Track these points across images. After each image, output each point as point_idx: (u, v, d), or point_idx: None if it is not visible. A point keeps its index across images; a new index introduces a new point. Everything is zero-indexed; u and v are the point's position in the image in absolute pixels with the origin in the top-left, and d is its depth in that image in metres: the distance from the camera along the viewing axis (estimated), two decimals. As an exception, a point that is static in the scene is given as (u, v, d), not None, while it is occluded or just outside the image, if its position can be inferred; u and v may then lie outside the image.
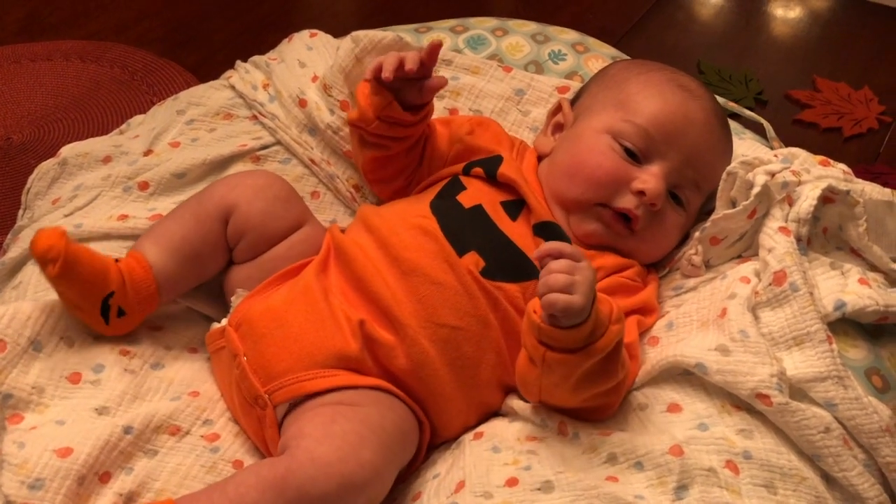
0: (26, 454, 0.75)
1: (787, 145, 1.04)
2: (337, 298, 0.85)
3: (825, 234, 0.92)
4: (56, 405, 0.83)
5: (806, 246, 0.88)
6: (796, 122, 1.36)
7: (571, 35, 1.20)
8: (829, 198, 0.90)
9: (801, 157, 0.97)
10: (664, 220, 0.92)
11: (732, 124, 1.12)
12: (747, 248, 0.91)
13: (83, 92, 1.37)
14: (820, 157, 0.98)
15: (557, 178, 0.94)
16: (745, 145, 1.05)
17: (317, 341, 0.83)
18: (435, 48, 0.88)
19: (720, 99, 1.16)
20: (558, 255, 0.75)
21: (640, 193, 0.90)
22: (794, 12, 1.61)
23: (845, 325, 0.86)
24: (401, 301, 0.85)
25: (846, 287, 0.86)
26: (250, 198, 0.91)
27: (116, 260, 0.87)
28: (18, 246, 0.97)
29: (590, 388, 0.78)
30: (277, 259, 0.91)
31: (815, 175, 0.92)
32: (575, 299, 0.72)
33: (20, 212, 1.06)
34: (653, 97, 0.93)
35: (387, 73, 0.87)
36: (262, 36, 1.23)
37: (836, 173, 0.94)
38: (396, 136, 0.93)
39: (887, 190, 0.94)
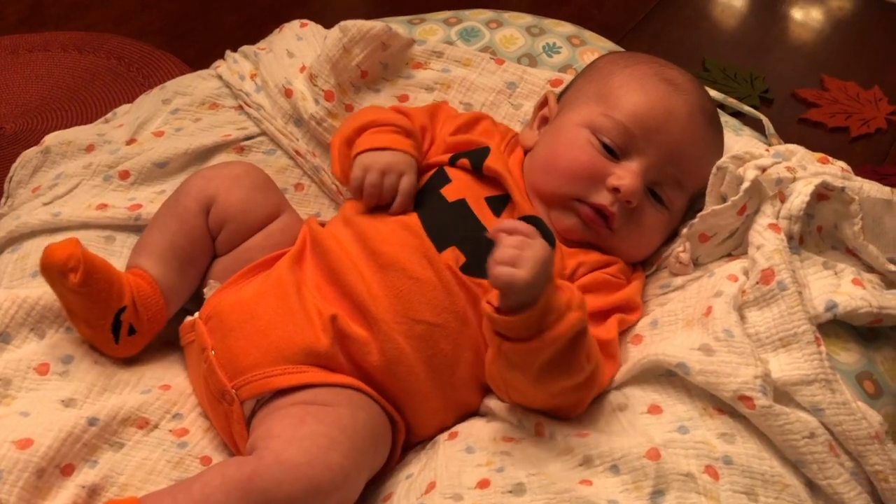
0: (-16, 444, 0.74)
1: (792, 144, 0.99)
2: (310, 292, 0.83)
3: (820, 232, 0.89)
4: (23, 397, 0.81)
5: (798, 244, 0.85)
6: (802, 121, 1.32)
7: (567, 28, 1.17)
8: (823, 195, 0.86)
9: (799, 154, 0.93)
10: (643, 219, 0.89)
11: (731, 121, 1.09)
12: (738, 245, 0.88)
13: (78, 83, 1.37)
14: (819, 155, 0.94)
15: (536, 172, 0.92)
16: (742, 142, 1.01)
17: (286, 336, 0.81)
18: None
19: (718, 95, 1.13)
20: (512, 232, 0.72)
21: (615, 190, 0.87)
22: (805, 10, 1.58)
23: (837, 326, 0.83)
24: (376, 295, 0.82)
25: (839, 287, 0.83)
26: (229, 187, 0.90)
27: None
28: (-4, 235, 0.96)
29: (553, 382, 0.75)
30: (254, 249, 0.90)
31: (811, 172, 0.89)
32: (518, 273, 0.69)
33: (2, 200, 1.05)
34: (634, 91, 0.90)
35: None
36: (261, 28, 1.21)
37: (834, 170, 0.91)
38: None
39: (887, 188, 0.90)
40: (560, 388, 0.76)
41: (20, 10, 1.54)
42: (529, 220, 0.88)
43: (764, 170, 0.85)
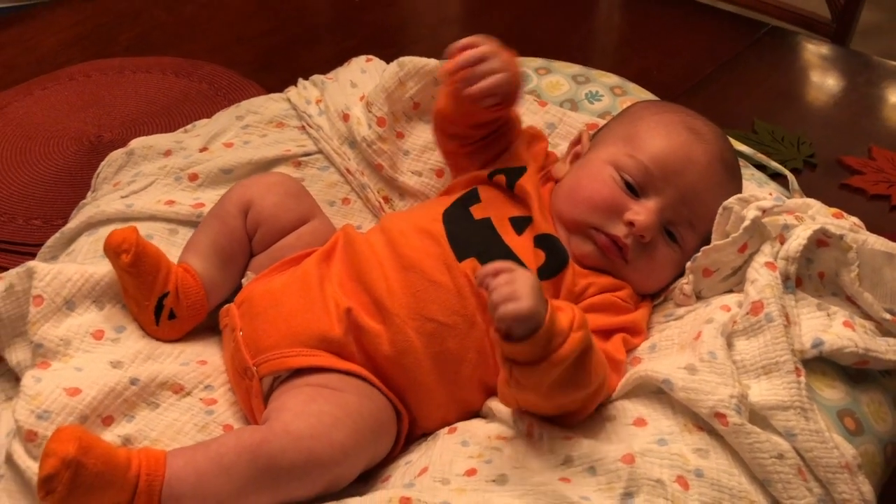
0: (40, 388, 0.84)
1: (811, 199, 1.03)
2: (331, 286, 0.92)
3: (822, 279, 0.93)
4: (79, 356, 0.91)
5: (795, 286, 0.90)
6: (843, 186, 1.35)
7: (613, 79, 1.25)
8: (823, 241, 0.91)
9: (815, 208, 0.98)
10: (655, 253, 0.96)
11: (757, 174, 1.14)
12: (740, 283, 0.93)
13: (171, 102, 1.51)
14: (833, 210, 0.99)
15: (561, 199, 0.99)
16: (763, 193, 1.07)
17: (304, 322, 0.90)
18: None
19: (748, 150, 1.19)
20: (495, 274, 0.76)
21: (630, 224, 0.94)
22: (860, 83, 1.62)
23: (825, 365, 0.87)
24: (394, 292, 0.91)
25: (829, 328, 0.87)
26: (264, 193, 1.00)
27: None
28: (77, 219, 1.08)
29: (562, 396, 0.81)
30: (286, 248, 1.00)
31: (818, 222, 0.94)
32: (521, 304, 0.73)
33: (88, 193, 1.18)
34: (658, 136, 0.98)
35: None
36: (340, 66, 1.33)
37: (844, 224, 0.95)
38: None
39: (893, 244, 0.94)
40: (570, 401, 0.82)
41: (131, 38, 1.72)
42: (545, 238, 0.96)
43: (764, 211, 0.90)
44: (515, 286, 0.75)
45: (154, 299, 0.93)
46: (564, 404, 0.83)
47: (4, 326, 0.92)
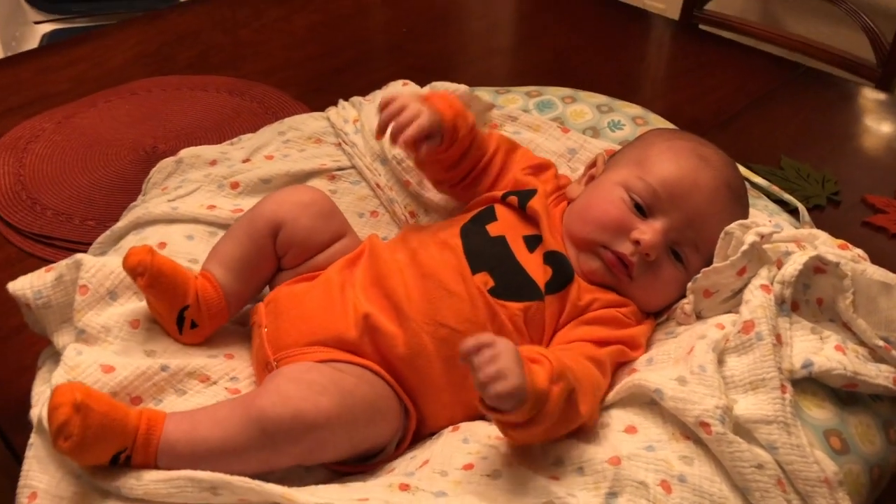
0: (80, 360, 0.91)
1: (852, 245, 1.02)
2: (353, 291, 0.99)
3: (820, 305, 0.97)
4: (118, 343, 0.98)
5: (790, 309, 0.94)
6: (865, 224, 1.38)
7: (635, 110, 1.31)
8: (820, 268, 0.95)
9: (822, 238, 1.02)
10: (660, 272, 1.00)
11: (770, 205, 1.18)
12: (739, 305, 0.97)
13: (224, 119, 1.60)
14: (839, 241, 1.03)
15: (572, 218, 1.05)
16: (766, 221, 1.11)
17: (323, 323, 0.96)
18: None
19: (763, 182, 1.23)
20: (476, 350, 0.78)
21: (637, 242, 0.99)
22: (890, 124, 1.65)
23: (816, 386, 0.90)
24: (412, 298, 0.97)
25: (821, 350, 0.91)
26: (297, 215, 1.04)
27: (195, 277, 1.02)
28: (127, 219, 1.16)
29: (560, 431, 0.86)
30: (314, 267, 1.05)
31: (819, 250, 0.97)
32: (508, 383, 0.76)
33: (139, 196, 1.27)
34: (668, 160, 1.03)
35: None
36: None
37: (847, 255, 0.99)
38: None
39: (893, 275, 0.98)
40: (567, 431, 0.88)
41: (190, 57, 1.83)
42: (553, 255, 1.01)
43: (763, 236, 0.94)
44: (500, 364, 0.77)
45: (175, 312, 0.99)
46: (564, 433, 0.88)
47: (54, 312, 0.99)
